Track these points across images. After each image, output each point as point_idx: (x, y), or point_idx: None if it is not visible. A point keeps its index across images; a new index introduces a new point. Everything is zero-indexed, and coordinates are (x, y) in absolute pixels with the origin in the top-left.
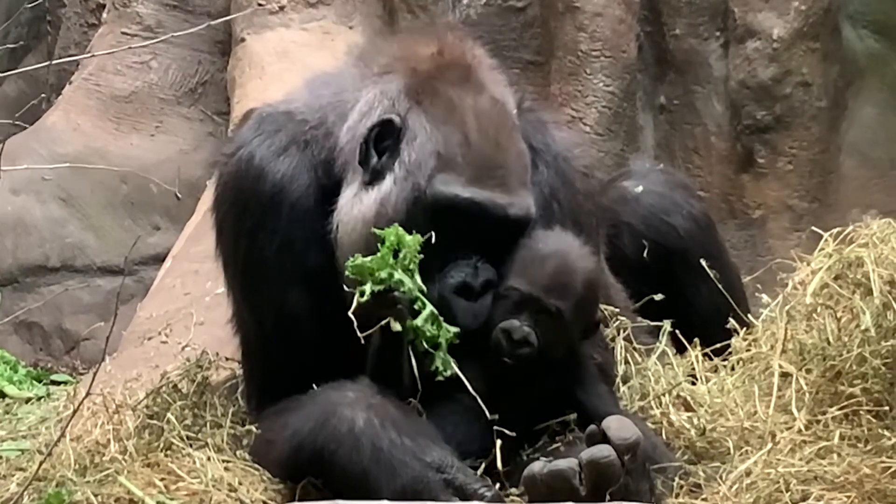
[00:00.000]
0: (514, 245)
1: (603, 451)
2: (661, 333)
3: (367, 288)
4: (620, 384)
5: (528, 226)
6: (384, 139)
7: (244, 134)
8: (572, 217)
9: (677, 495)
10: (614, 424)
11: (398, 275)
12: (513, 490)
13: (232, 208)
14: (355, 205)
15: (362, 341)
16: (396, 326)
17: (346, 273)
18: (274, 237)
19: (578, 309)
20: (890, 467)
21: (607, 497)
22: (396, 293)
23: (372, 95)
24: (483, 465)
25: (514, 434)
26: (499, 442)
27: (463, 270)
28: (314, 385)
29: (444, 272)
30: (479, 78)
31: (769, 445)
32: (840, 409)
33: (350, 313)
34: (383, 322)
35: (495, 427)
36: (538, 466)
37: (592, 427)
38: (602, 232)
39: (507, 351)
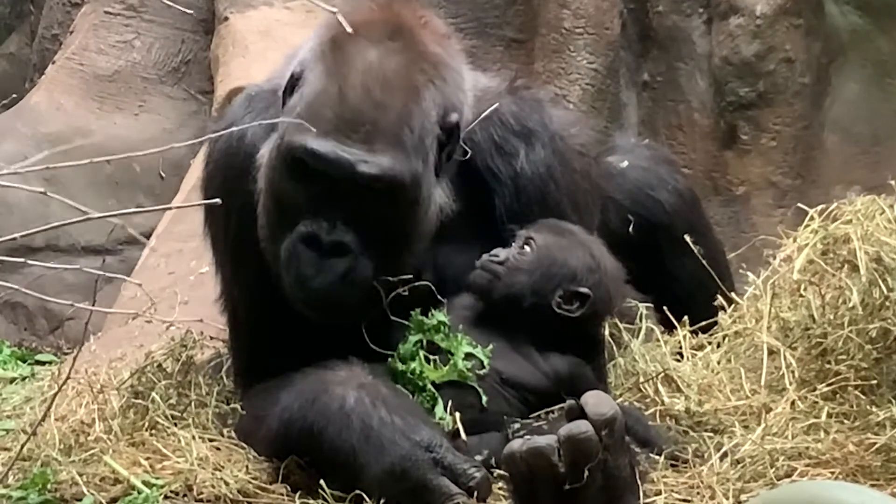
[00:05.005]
0: (392, 215)
1: (580, 426)
2: (639, 316)
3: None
4: (607, 361)
5: (391, 188)
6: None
7: (234, 111)
8: (569, 196)
9: (663, 471)
10: (591, 400)
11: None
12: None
13: (222, 186)
14: (262, 159)
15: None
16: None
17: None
18: None
19: (557, 263)
20: (875, 443)
21: (586, 473)
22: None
23: (304, 50)
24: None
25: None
26: (458, 415)
27: (317, 224)
28: (303, 363)
29: (301, 223)
30: (409, 37)
31: (758, 422)
32: (828, 385)
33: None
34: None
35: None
36: (517, 444)
37: (571, 402)
38: (598, 210)
39: (478, 264)
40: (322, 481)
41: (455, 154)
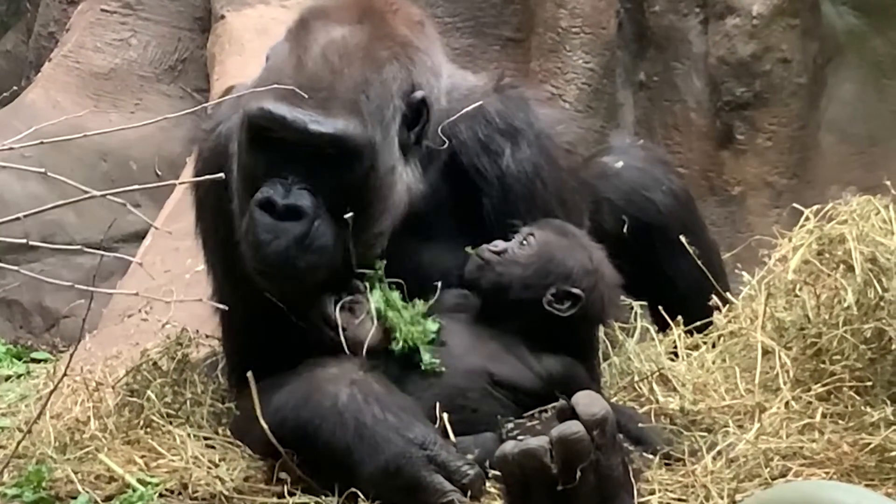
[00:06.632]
0: (348, 180)
1: (572, 427)
2: (633, 315)
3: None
4: (601, 361)
5: (345, 151)
6: None
7: (224, 110)
8: (556, 194)
9: (657, 470)
10: (583, 400)
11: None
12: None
13: (212, 185)
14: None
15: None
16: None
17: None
18: None
19: (554, 260)
20: (869, 443)
21: (578, 473)
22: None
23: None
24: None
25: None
26: (446, 415)
27: (273, 188)
28: (296, 360)
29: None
30: (377, 20)
31: (752, 422)
32: (822, 385)
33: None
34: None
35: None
36: (510, 446)
37: (562, 403)
38: (586, 208)
39: (476, 252)
40: (336, 485)
41: (426, 138)
